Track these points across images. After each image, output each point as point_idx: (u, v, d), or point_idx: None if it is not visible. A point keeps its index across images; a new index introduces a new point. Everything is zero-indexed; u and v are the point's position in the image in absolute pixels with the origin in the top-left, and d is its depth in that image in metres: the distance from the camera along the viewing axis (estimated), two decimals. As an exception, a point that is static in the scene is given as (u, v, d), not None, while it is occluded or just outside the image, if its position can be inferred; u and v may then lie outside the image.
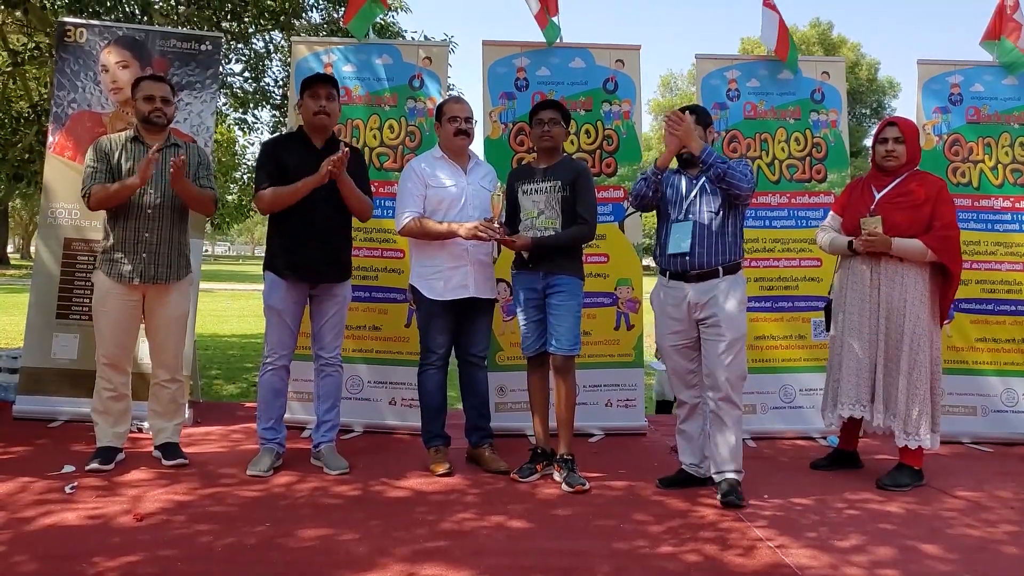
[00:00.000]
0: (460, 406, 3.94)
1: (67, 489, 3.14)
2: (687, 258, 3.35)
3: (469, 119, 3.69)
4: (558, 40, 4.62)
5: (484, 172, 3.83)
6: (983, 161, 4.70)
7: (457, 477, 3.54)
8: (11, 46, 8.87)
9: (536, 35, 4.60)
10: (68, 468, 3.40)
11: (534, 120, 3.68)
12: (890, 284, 3.54)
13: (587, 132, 4.60)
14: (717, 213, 3.34)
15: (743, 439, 4.29)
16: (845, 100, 4.79)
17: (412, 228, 3.60)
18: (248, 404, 5.19)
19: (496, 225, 3.50)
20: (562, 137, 3.72)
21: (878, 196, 3.62)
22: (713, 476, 3.36)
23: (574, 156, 4.54)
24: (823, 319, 4.56)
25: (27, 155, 8.06)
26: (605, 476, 3.63)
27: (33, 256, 5.30)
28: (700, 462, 3.49)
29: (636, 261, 4.64)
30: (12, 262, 31.53)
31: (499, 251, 4.12)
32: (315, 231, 3.51)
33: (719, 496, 3.23)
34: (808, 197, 4.68)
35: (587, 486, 3.39)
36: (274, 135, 3.77)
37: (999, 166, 4.70)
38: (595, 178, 4.55)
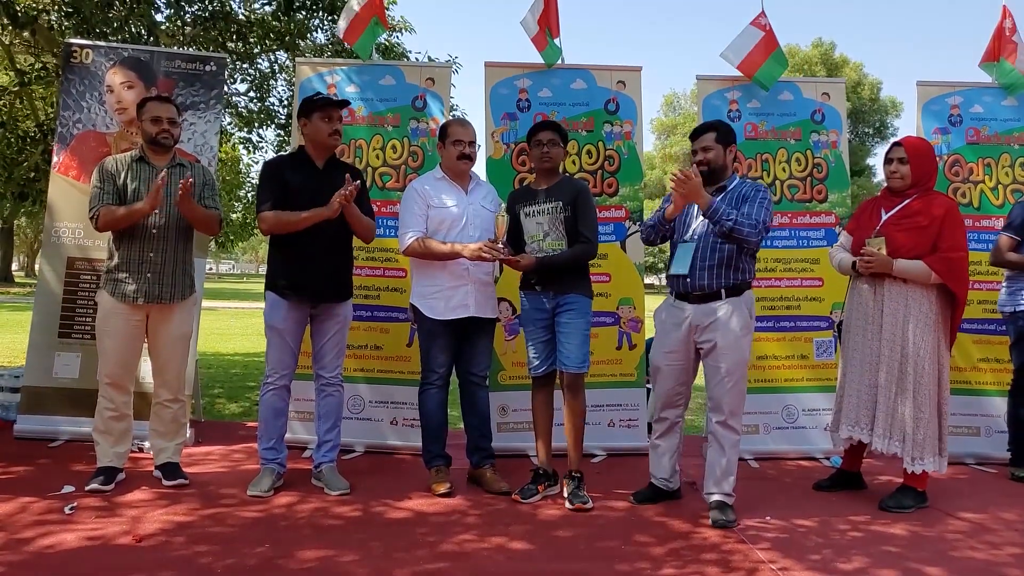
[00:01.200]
0: (461, 426, 3.93)
1: (66, 510, 3.13)
2: (687, 280, 3.36)
3: (472, 143, 3.70)
4: (559, 61, 4.65)
5: (485, 192, 3.85)
6: (983, 181, 4.72)
7: (458, 498, 3.53)
8: (18, 66, 8.97)
9: (539, 56, 4.63)
10: (68, 488, 3.39)
11: (533, 141, 3.71)
12: (893, 305, 3.51)
13: (588, 152, 4.62)
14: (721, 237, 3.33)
15: (746, 460, 4.33)
16: (845, 121, 4.82)
17: (416, 248, 3.61)
18: (250, 423, 5.18)
19: (500, 245, 3.51)
20: (561, 158, 3.74)
21: (885, 217, 3.61)
22: (704, 496, 3.39)
23: (575, 176, 4.58)
24: (825, 339, 4.57)
25: (32, 174, 8.13)
26: (607, 496, 3.61)
27: (37, 275, 5.29)
28: (670, 476, 3.54)
29: (638, 280, 4.64)
30: (16, 280, 31.62)
31: (501, 271, 4.13)
32: (317, 251, 3.51)
33: (711, 520, 3.25)
34: (809, 217, 4.69)
35: (590, 505, 3.38)
36: (277, 154, 3.78)
37: (999, 186, 4.72)
38: (597, 198, 4.58)
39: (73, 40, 4.83)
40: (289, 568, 2.63)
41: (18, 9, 6.65)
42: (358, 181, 3.44)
